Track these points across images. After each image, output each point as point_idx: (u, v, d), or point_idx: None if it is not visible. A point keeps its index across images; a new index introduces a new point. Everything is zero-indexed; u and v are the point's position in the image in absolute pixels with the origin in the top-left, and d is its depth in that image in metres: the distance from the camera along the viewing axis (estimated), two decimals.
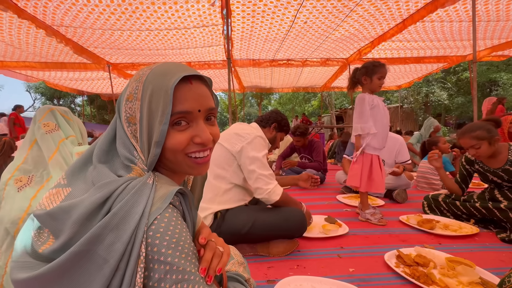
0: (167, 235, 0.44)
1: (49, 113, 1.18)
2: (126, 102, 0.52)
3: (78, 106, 22.63)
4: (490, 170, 1.77)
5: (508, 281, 0.78)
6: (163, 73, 0.51)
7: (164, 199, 0.47)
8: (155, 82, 0.50)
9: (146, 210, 0.44)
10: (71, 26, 3.87)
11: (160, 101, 0.49)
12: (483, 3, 3.55)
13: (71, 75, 6.51)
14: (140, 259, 0.42)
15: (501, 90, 15.88)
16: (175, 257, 0.43)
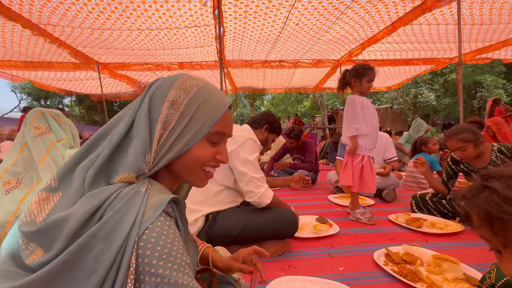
0: (159, 245, 0.42)
1: (40, 116, 1.16)
2: (170, 108, 0.52)
3: (66, 106, 22.07)
4: (474, 170, 1.82)
5: (488, 277, 0.81)
6: (215, 95, 0.56)
7: (157, 207, 0.46)
8: (206, 98, 0.54)
9: (137, 219, 0.43)
10: (58, 25, 3.78)
11: (206, 115, 0.53)
12: (467, 7, 3.67)
13: (59, 75, 6.35)
14: (130, 270, 0.41)
15: (485, 92, 16.40)
16: (167, 268, 0.42)
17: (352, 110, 1.82)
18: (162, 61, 5.78)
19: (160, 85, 0.54)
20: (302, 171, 3.18)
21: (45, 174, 1.05)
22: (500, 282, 0.76)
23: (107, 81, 7.09)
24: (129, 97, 8.69)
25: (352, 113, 1.82)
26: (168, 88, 0.53)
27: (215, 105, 0.54)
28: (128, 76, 6.79)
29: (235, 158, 1.35)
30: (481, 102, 17.09)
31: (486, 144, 1.77)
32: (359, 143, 1.83)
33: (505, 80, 16.83)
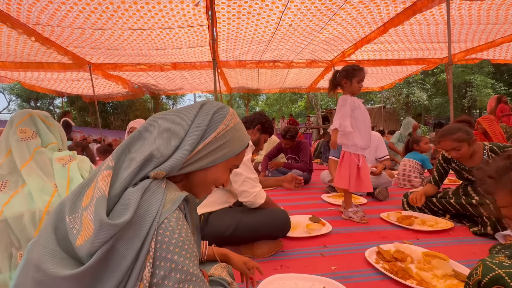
0: (176, 233, 0.47)
1: (28, 119, 1.12)
2: (215, 139, 0.62)
3: (57, 108, 21.68)
4: (465, 169, 1.85)
5: (475, 273, 0.82)
6: (243, 134, 0.68)
7: (174, 202, 0.51)
8: (237, 134, 0.65)
9: (159, 210, 0.48)
10: (48, 25, 3.71)
11: (233, 146, 0.64)
12: (457, 7, 3.74)
13: (49, 76, 6.23)
14: (150, 254, 0.45)
15: (475, 91, 16.76)
16: (181, 256, 0.46)
17: (341, 108, 1.83)
18: (155, 61, 5.72)
19: (216, 112, 0.63)
20: (296, 171, 3.20)
21: (30, 178, 1.02)
22: (486, 278, 0.77)
23: (99, 82, 6.99)
24: (122, 97, 8.57)
25: (340, 110, 1.83)
26: (222, 118, 0.63)
27: (240, 142, 0.66)
28: (121, 77, 6.71)
29: None
30: (471, 101, 17.47)
31: (478, 143, 1.80)
32: (354, 142, 1.85)
33: (494, 80, 17.23)
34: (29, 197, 0.96)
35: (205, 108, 0.63)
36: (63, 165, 1.06)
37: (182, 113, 0.61)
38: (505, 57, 5.93)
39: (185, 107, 0.63)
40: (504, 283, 0.73)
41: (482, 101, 16.66)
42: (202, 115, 0.61)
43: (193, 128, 0.59)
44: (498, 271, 0.76)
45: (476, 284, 0.80)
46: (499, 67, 17.61)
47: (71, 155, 1.12)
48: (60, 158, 1.07)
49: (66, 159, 1.09)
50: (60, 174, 1.03)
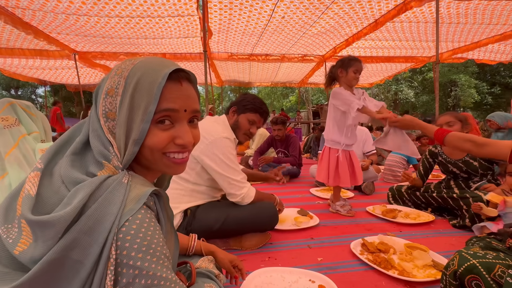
0: (138, 237, 0.42)
1: (8, 107, 1.09)
2: (106, 97, 0.49)
3: (40, 97, 20.79)
4: (451, 162, 1.93)
5: (452, 264, 0.87)
6: (150, 68, 0.48)
7: (138, 200, 0.46)
8: (140, 76, 0.48)
9: (119, 211, 0.43)
10: (28, 9, 3.51)
11: (144, 97, 0.47)
12: (445, 6, 3.81)
13: (31, 63, 5.94)
14: (110, 261, 0.41)
15: (459, 91, 17.32)
16: (145, 261, 0.42)
17: (343, 96, 1.77)
18: (144, 50, 5.56)
19: (101, 80, 0.52)
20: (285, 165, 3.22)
21: (12, 167, 0.99)
22: (461, 268, 0.82)
23: (84, 71, 6.74)
24: None
25: (343, 99, 1.76)
26: (106, 78, 0.51)
27: (153, 80, 0.47)
28: (108, 66, 6.48)
29: (209, 160, 1.29)
30: (455, 100, 18.04)
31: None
32: (333, 139, 1.88)
33: (477, 80, 17.84)
34: (9, 189, 0.92)
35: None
36: None
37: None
38: (489, 58, 6.13)
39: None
40: (478, 272, 0.77)
41: (466, 101, 17.26)
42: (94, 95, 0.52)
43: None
44: (472, 261, 0.80)
45: (453, 274, 0.84)
46: (483, 67, 18.23)
47: None
48: (43, 149, 1.04)
49: None
50: None
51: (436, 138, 1.20)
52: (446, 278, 0.87)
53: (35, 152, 1.06)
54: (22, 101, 1.16)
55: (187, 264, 0.78)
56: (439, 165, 2.06)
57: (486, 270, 0.76)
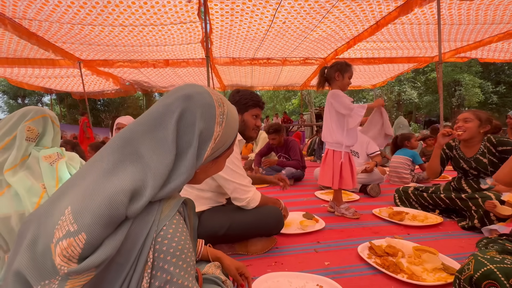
0: (174, 241, 0.46)
1: (39, 119, 1.07)
2: (217, 137, 0.56)
3: (46, 105, 21.13)
4: (464, 158, 1.91)
5: (467, 268, 0.83)
6: (235, 113, 0.63)
7: (172, 207, 0.50)
8: (232, 117, 0.60)
9: (156, 217, 0.47)
10: (35, 20, 3.59)
11: (228, 138, 0.60)
12: (447, 7, 3.80)
13: (37, 72, 6.05)
14: (148, 265, 0.44)
15: (463, 90, 17.15)
16: (177, 267, 0.45)
17: (344, 100, 1.81)
18: (147, 58, 5.63)
19: (202, 116, 0.55)
20: (289, 169, 3.21)
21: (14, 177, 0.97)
22: (478, 273, 0.78)
23: (89, 79, 6.84)
24: (113, 95, 8.42)
25: (345, 102, 1.81)
26: (213, 120, 0.57)
27: (234, 128, 0.61)
28: (112, 74, 6.58)
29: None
30: (460, 100, 17.87)
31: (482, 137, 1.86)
32: (337, 140, 1.87)
33: (482, 79, 17.66)
34: (16, 198, 0.92)
35: (187, 116, 0.53)
36: (51, 163, 1.03)
37: (157, 134, 0.51)
38: (493, 57, 6.08)
39: (158, 120, 0.52)
40: (496, 278, 0.74)
41: (470, 100, 17.08)
42: (188, 125, 0.52)
43: (183, 149, 0.52)
44: (489, 266, 0.77)
45: (468, 279, 0.81)
46: (487, 66, 18.06)
47: (59, 153, 1.08)
48: (47, 156, 1.04)
49: (54, 157, 1.06)
50: (48, 174, 1.00)
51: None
52: (460, 282, 0.84)
53: (39, 160, 1.05)
54: (52, 112, 1.16)
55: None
56: (451, 159, 2.03)
57: (505, 276, 0.73)
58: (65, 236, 0.41)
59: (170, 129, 0.51)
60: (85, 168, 0.51)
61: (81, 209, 0.43)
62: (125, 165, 0.49)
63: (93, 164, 0.50)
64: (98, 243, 0.42)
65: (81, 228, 0.41)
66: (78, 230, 0.41)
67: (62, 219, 0.43)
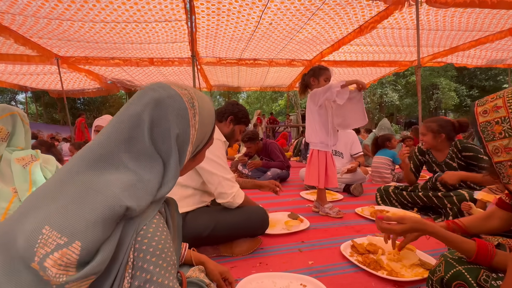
0: (154, 240, 0.46)
1: (8, 117, 1.00)
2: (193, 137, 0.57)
3: (20, 103, 19.98)
4: (436, 162, 2.03)
5: (438, 270, 0.87)
6: (209, 106, 0.61)
7: (153, 207, 0.49)
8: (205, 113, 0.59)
9: (138, 217, 0.46)
10: (7, 13, 3.39)
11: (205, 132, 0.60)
12: (425, 13, 3.99)
13: (11, 68, 5.71)
14: (128, 264, 0.44)
15: (440, 94, 18.05)
16: (157, 265, 0.45)
17: (320, 88, 1.83)
18: (130, 56, 5.47)
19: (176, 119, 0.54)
20: (274, 170, 3.23)
21: None
22: (448, 274, 0.82)
23: (68, 76, 6.54)
24: (93, 93, 8.09)
25: (321, 88, 1.82)
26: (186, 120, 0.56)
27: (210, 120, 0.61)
28: (93, 71, 6.33)
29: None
30: (437, 102, 18.78)
31: (448, 141, 1.96)
32: (321, 140, 1.91)
33: (457, 83, 18.67)
34: None
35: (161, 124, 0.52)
36: (24, 166, 0.97)
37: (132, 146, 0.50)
38: (466, 62, 6.45)
39: (125, 129, 0.51)
40: (464, 278, 0.78)
41: (447, 103, 18.00)
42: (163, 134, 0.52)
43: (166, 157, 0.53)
44: (458, 268, 0.81)
45: (439, 280, 0.85)
46: (461, 71, 19.11)
47: (33, 155, 1.03)
48: (20, 158, 0.98)
49: (27, 159, 1.00)
50: (20, 177, 0.94)
51: (481, 259, 0.79)
52: (432, 283, 0.88)
53: (10, 162, 0.99)
54: (20, 110, 1.09)
55: (177, 274, 0.76)
56: (425, 163, 2.14)
57: (472, 276, 0.77)
58: (55, 250, 0.40)
59: (146, 141, 0.51)
60: (56, 185, 0.47)
61: (67, 220, 0.41)
62: (111, 171, 0.48)
63: (64, 181, 0.47)
64: (95, 248, 0.41)
65: (73, 237, 0.40)
66: (70, 240, 0.40)
67: (41, 238, 0.41)
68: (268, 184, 1.69)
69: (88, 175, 0.47)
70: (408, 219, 0.91)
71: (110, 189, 0.44)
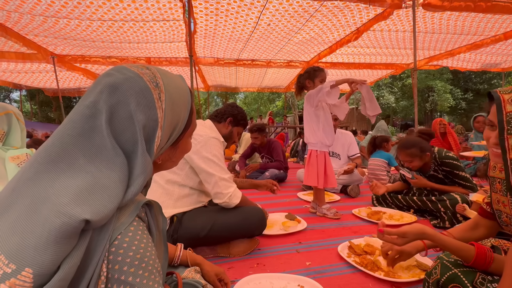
0: (131, 250, 0.41)
1: (3, 116, 0.99)
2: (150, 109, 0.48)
3: (14, 102, 19.74)
4: (423, 174, 2.03)
5: (434, 272, 0.87)
6: (179, 83, 0.54)
7: (129, 213, 0.45)
8: (174, 91, 0.51)
9: (112, 226, 0.42)
10: (3, 10, 3.35)
11: (183, 110, 0.53)
12: (421, 16, 4.03)
13: (5, 66, 5.63)
14: (101, 279, 0.39)
15: (436, 96, 18.27)
16: (137, 276, 0.41)
17: (315, 90, 1.85)
18: (127, 55, 5.43)
19: (138, 106, 0.47)
20: (272, 170, 3.23)
21: None
22: (444, 277, 0.83)
23: (64, 75, 6.47)
24: None
25: (316, 89, 1.85)
26: (151, 102, 0.49)
27: (186, 95, 0.55)
28: (89, 70, 6.27)
29: (198, 159, 1.29)
30: (433, 105, 19.00)
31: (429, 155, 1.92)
32: (320, 140, 1.92)
33: (452, 86, 18.93)
34: None
35: (119, 110, 0.45)
36: (18, 165, 0.96)
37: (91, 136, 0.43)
38: (461, 65, 6.53)
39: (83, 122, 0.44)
40: (460, 281, 0.79)
41: (442, 105, 18.23)
42: (124, 122, 0.45)
43: (129, 149, 0.46)
44: (454, 270, 0.81)
45: (436, 283, 0.85)
46: (456, 74, 19.38)
47: (28, 154, 1.01)
48: (15, 157, 0.96)
49: (22, 158, 0.98)
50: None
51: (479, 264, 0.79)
52: (429, 285, 0.88)
53: (4, 161, 0.98)
54: (15, 108, 1.07)
55: (173, 275, 0.76)
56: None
57: (468, 278, 0.78)
58: (2, 280, 0.35)
59: (104, 135, 0.43)
60: (7, 196, 0.41)
61: (16, 244, 0.36)
62: (66, 174, 0.41)
63: (15, 190, 0.41)
64: (52, 269, 0.36)
65: (22, 264, 0.35)
66: (18, 268, 0.35)
67: None
68: (266, 183, 1.69)
69: (40, 182, 0.40)
70: (410, 233, 0.90)
71: (60, 200, 0.38)
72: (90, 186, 0.40)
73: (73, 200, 0.38)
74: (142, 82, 0.47)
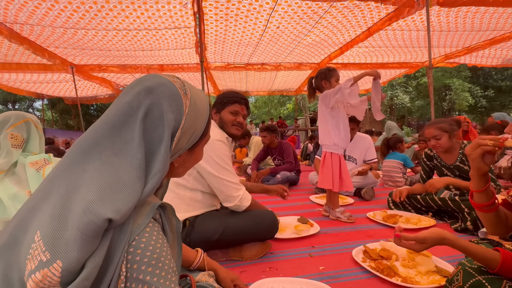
0: (148, 250, 0.44)
1: (22, 124, 1.05)
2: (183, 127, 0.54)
3: (37, 110, 20.82)
4: (446, 166, 1.96)
5: (456, 279, 0.83)
6: (202, 96, 0.60)
7: (145, 215, 0.47)
8: (198, 101, 0.57)
9: (129, 227, 0.44)
10: (27, 24, 3.56)
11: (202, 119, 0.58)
12: (436, 14, 3.91)
13: (29, 77, 5.97)
14: (121, 279, 0.42)
15: (453, 94, 17.57)
16: (154, 275, 0.43)
17: (331, 90, 1.83)
18: (141, 62, 5.62)
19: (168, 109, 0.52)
20: (284, 172, 3.21)
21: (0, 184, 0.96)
22: (467, 284, 0.78)
23: (82, 84, 6.77)
24: (106, 100, 8.33)
25: (332, 89, 1.82)
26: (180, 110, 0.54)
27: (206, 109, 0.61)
28: (105, 78, 6.53)
29: (204, 162, 1.28)
30: (450, 104, 18.28)
31: (457, 141, 1.90)
32: (334, 142, 1.88)
33: (471, 84, 18.15)
34: (1, 206, 0.90)
35: (154, 110, 0.49)
36: (37, 170, 1.00)
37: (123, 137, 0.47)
38: (481, 62, 6.25)
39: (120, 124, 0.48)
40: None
41: (460, 104, 17.49)
42: (156, 121, 0.49)
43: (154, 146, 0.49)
44: (478, 277, 0.76)
45: None
46: (475, 71, 18.58)
47: (46, 159, 1.06)
48: (34, 162, 1.01)
49: (41, 163, 1.03)
50: (35, 180, 0.98)
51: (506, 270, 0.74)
52: None
53: (25, 167, 1.03)
54: (33, 116, 1.13)
55: (187, 278, 0.77)
56: (435, 168, 2.07)
57: (493, 286, 0.73)
58: (38, 268, 0.38)
59: (135, 129, 0.47)
60: (48, 183, 0.45)
61: (52, 232, 0.39)
62: (95, 166, 0.44)
63: (54, 178, 0.45)
64: (78, 267, 0.39)
65: (56, 255, 0.38)
66: (52, 258, 0.38)
67: (33, 247, 0.39)
68: (276, 188, 1.67)
69: (72, 172, 0.44)
70: (429, 238, 0.86)
71: (88, 195, 0.41)
72: (113, 182, 0.43)
73: (99, 197, 0.41)
74: (174, 88, 0.53)
